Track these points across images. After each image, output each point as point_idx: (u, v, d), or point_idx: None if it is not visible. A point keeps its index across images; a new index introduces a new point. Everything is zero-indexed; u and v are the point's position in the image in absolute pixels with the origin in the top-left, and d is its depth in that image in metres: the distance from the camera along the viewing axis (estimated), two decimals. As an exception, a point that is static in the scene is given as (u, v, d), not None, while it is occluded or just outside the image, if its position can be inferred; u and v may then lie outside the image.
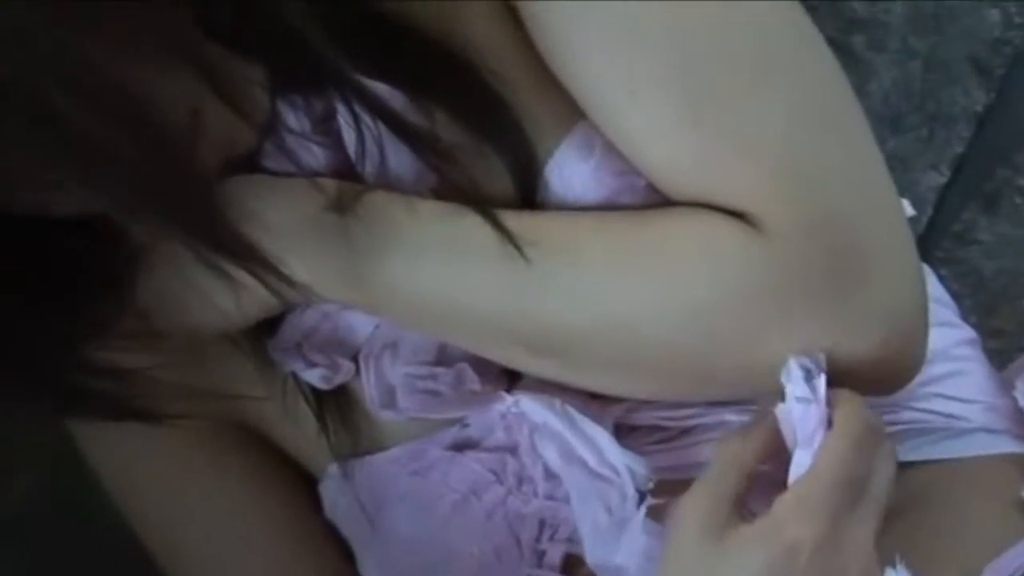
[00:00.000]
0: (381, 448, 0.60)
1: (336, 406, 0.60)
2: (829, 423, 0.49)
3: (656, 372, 0.51)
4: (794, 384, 0.48)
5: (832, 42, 0.50)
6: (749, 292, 0.48)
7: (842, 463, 0.48)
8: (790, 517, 0.47)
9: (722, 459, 0.50)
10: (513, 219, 0.51)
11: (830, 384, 0.49)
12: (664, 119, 0.48)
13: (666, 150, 0.49)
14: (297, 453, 0.65)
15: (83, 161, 0.41)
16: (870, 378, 0.49)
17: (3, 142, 0.39)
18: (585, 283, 0.50)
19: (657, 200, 0.51)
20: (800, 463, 0.48)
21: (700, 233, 0.49)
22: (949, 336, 0.67)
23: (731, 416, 0.58)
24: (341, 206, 0.51)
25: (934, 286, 0.71)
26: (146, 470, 0.63)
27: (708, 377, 0.51)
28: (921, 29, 1.04)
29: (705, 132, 0.47)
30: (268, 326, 0.57)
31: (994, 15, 1.02)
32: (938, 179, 1.12)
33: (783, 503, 0.48)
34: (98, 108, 0.40)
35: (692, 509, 0.49)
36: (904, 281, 0.50)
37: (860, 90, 1.01)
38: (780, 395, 0.49)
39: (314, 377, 0.57)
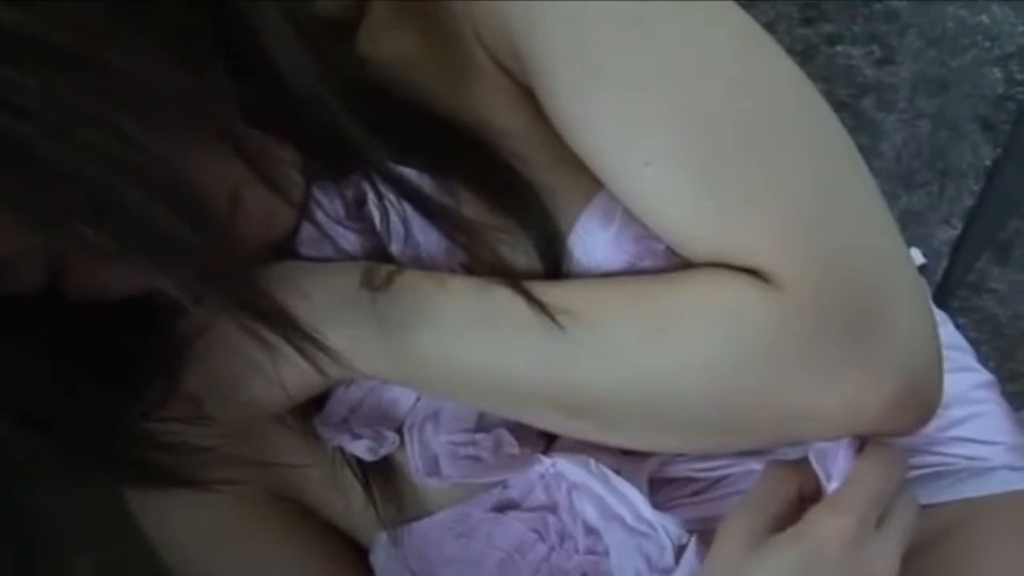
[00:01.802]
0: (427, 514, 0.61)
1: (381, 476, 0.61)
2: None
3: (685, 428, 0.52)
4: None
5: (844, 105, 0.51)
6: (768, 348, 0.48)
7: (871, 475, 0.50)
8: (819, 516, 0.49)
9: (764, 482, 0.52)
10: (541, 290, 0.51)
11: None
12: (679, 189, 0.48)
13: (682, 217, 0.49)
14: (346, 524, 0.65)
15: (135, 241, 0.42)
16: (887, 422, 0.50)
17: (63, 224, 0.41)
18: (613, 348, 0.50)
19: (677, 262, 0.52)
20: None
21: (716, 294, 0.49)
22: (967, 380, 0.68)
23: (758, 466, 0.59)
24: (373, 285, 0.52)
25: (950, 333, 0.72)
26: (200, 539, 0.64)
27: (734, 430, 0.51)
28: (927, 90, 1.05)
29: (719, 198, 0.48)
30: (315, 404, 0.59)
31: (996, 74, 1.03)
32: (951, 232, 1.12)
33: (815, 509, 0.49)
34: (147, 189, 0.41)
35: (733, 525, 0.50)
36: (917, 326, 0.49)
37: (872, 150, 1.05)
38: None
39: (360, 449, 0.58)
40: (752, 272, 0.49)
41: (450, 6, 0.52)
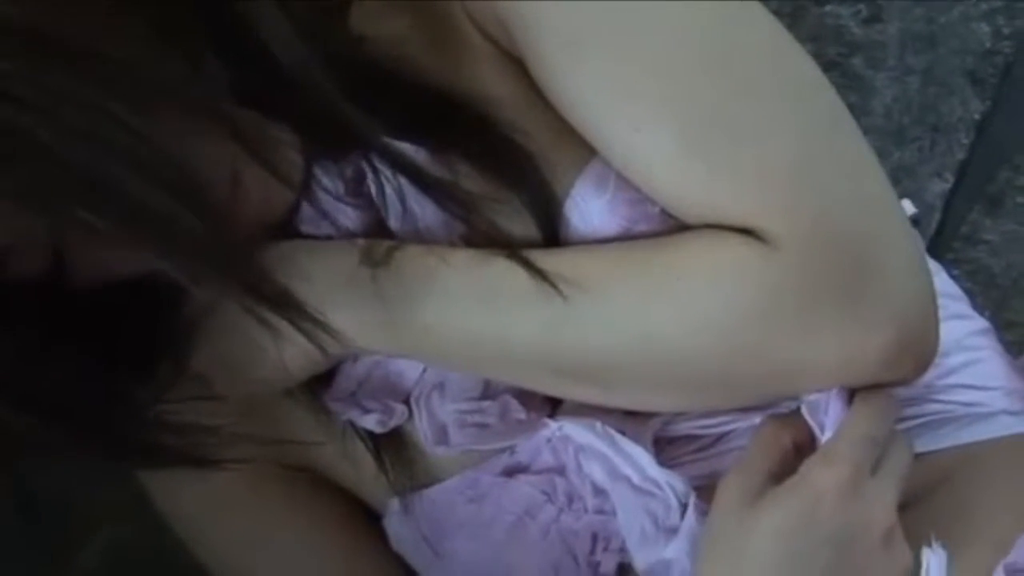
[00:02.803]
0: (437, 480, 0.62)
1: (391, 447, 0.61)
2: None
3: (688, 386, 0.52)
4: None
5: (834, 64, 0.51)
6: (765, 304, 0.49)
7: (862, 422, 0.51)
8: (814, 467, 0.49)
9: (758, 439, 0.53)
10: (540, 259, 0.52)
11: None
12: (669, 151, 0.49)
13: (674, 179, 0.50)
14: (359, 492, 0.66)
15: (135, 225, 0.42)
16: (886, 371, 0.50)
17: (63, 210, 0.41)
18: (614, 312, 0.51)
19: (671, 225, 0.52)
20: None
21: (714, 255, 0.50)
22: (963, 327, 0.68)
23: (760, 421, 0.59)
24: (373, 261, 0.52)
25: (945, 282, 0.73)
26: (212, 511, 0.65)
27: (735, 386, 0.52)
28: (916, 47, 1.05)
29: (709, 159, 0.48)
30: (324, 379, 0.59)
31: (983, 28, 1.03)
32: (943, 185, 1.13)
33: (809, 461, 0.50)
34: (144, 174, 0.42)
35: (730, 483, 0.51)
36: (910, 277, 0.50)
37: (863, 108, 1.05)
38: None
39: (370, 422, 0.59)
40: (747, 231, 0.49)
41: None
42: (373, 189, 0.53)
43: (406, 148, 0.52)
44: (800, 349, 0.49)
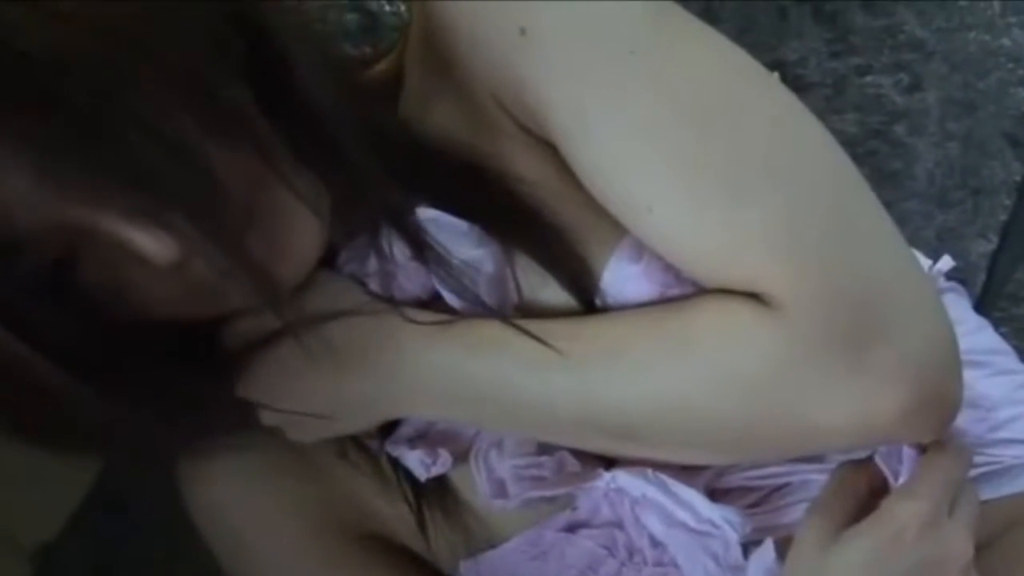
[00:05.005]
0: (497, 542, 0.63)
1: (443, 510, 0.62)
2: None
3: (718, 444, 0.53)
4: None
5: (876, 133, 0.49)
6: (773, 368, 0.49)
7: (941, 463, 0.51)
8: (896, 502, 0.50)
9: (835, 483, 0.54)
10: (570, 328, 0.53)
11: None
12: (679, 228, 0.50)
13: (686, 252, 0.51)
14: (430, 558, 0.67)
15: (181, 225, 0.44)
16: (904, 429, 0.50)
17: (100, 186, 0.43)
18: (634, 376, 0.51)
19: (701, 288, 0.53)
20: None
21: (721, 320, 0.50)
22: (1010, 382, 0.68)
23: (814, 475, 0.61)
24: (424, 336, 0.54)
25: (992, 338, 0.73)
26: None
27: (765, 442, 0.52)
28: (955, 113, 1.06)
29: (716, 232, 0.49)
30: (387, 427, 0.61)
31: (1020, 93, 1.04)
32: (987, 246, 1.13)
33: (890, 497, 0.50)
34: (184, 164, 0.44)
35: (810, 523, 0.52)
36: (926, 334, 0.49)
37: (906, 173, 1.05)
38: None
39: (413, 460, 0.59)
40: (756, 296, 0.50)
41: (471, 76, 0.53)
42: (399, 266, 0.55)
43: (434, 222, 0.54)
44: (812, 410, 0.49)
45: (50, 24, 0.41)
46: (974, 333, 0.74)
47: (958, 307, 0.77)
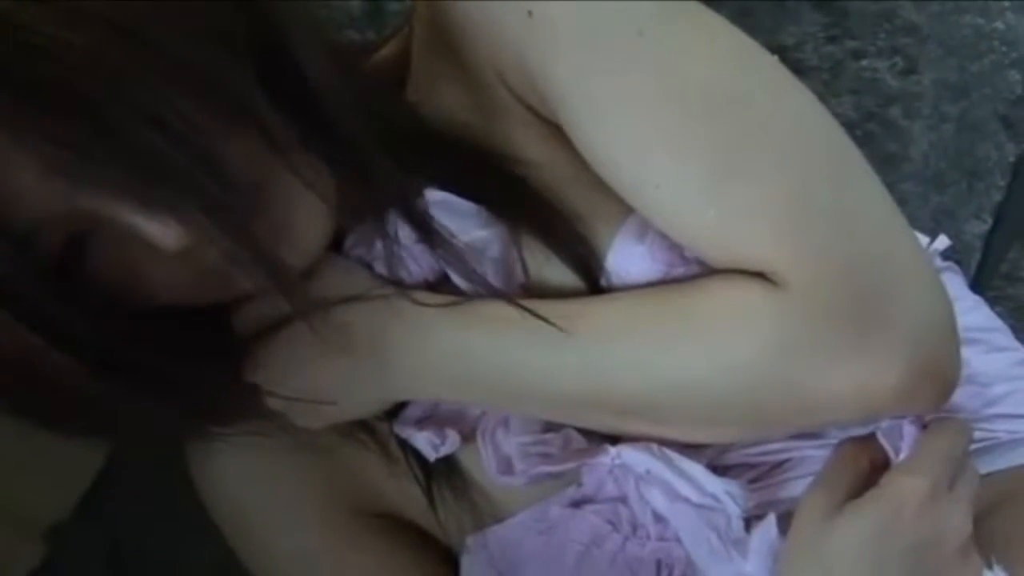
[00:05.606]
0: (503, 518, 0.63)
1: (451, 488, 0.63)
2: None
3: (722, 422, 0.53)
4: None
5: (872, 115, 0.50)
6: (780, 344, 0.49)
7: (941, 440, 0.52)
8: (896, 478, 0.51)
9: (836, 458, 0.54)
10: (578, 308, 0.54)
11: None
12: (685, 207, 0.50)
13: (693, 229, 0.51)
14: (438, 533, 0.67)
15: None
16: (905, 402, 0.51)
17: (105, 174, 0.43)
18: (639, 354, 0.52)
19: (706, 267, 0.54)
20: None
21: (727, 298, 0.51)
22: (1005, 359, 0.69)
23: (813, 451, 0.61)
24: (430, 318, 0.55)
25: (987, 316, 0.74)
26: (300, 568, 0.66)
27: (768, 419, 0.53)
28: (950, 96, 1.07)
29: (719, 211, 0.50)
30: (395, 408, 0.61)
31: (1014, 75, 1.05)
32: (982, 226, 1.13)
33: (890, 473, 0.51)
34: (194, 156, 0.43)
35: (811, 499, 0.53)
36: (924, 309, 0.50)
37: (902, 155, 1.06)
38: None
39: (421, 441, 0.60)
40: (761, 275, 0.51)
41: (478, 58, 0.54)
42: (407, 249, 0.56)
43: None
44: (814, 385, 0.50)
45: (57, 17, 0.41)
46: (970, 311, 0.75)
47: (954, 286, 0.77)
